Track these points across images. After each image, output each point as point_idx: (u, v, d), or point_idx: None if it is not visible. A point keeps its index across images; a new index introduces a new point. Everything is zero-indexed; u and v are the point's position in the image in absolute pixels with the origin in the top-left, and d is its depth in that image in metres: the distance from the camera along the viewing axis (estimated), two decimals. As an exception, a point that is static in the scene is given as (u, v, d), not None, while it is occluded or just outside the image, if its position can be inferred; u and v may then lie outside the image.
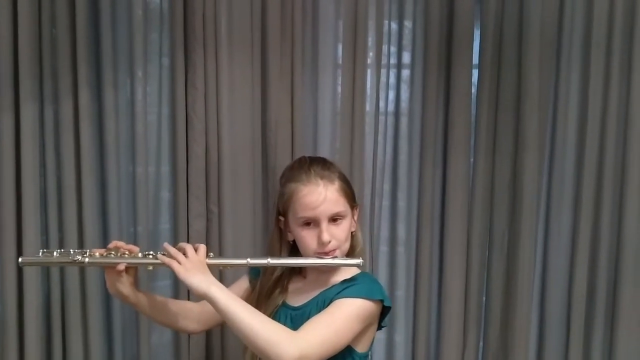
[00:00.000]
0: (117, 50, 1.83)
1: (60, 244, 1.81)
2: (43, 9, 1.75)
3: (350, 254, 1.53)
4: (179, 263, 1.39)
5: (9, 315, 1.77)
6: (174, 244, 1.46)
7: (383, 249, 2.05)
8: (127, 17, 1.84)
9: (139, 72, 1.85)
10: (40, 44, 1.76)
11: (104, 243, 1.73)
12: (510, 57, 1.91)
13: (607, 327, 1.96)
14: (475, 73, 1.95)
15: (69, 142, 1.79)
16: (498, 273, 1.99)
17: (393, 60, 2.00)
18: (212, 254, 1.48)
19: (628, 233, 1.91)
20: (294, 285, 1.58)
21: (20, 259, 1.51)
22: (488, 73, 1.91)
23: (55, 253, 1.47)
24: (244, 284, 1.63)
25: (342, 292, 1.43)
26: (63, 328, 1.83)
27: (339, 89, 1.95)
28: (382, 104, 1.98)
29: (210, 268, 1.42)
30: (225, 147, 1.87)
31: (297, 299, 1.54)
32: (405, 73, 2.01)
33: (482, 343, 2.03)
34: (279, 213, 1.55)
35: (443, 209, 1.98)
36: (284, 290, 1.57)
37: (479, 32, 1.93)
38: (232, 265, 1.54)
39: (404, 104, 2.01)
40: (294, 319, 1.49)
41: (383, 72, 1.96)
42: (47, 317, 1.83)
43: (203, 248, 1.45)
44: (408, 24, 1.99)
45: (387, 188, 2.03)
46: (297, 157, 1.69)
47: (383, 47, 1.95)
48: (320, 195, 1.45)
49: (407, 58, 2.01)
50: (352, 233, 1.53)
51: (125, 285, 1.46)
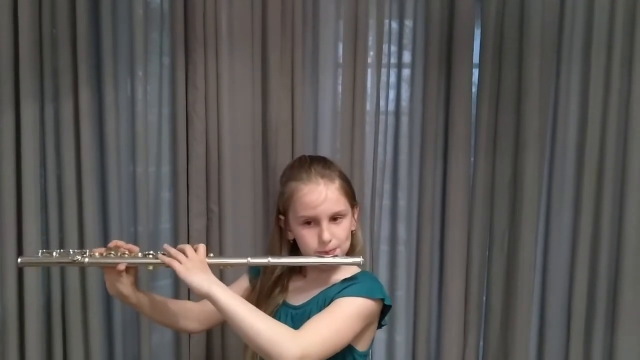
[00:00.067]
0: (117, 50, 1.83)
1: (61, 244, 1.81)
2: (43, 8, 1.75)
3: (351, 253, 1.53)
4: (180, 263, 1.39)
5: (10, 316, 1.77)
6: (174, 245, 1.46)
7: (383, 249, 2.05)
8: (127, 16, 1.84)
9: (140, 71, 1.85)
10: (41, 43, 1.75)
11: (105, 243, 1.73)
12: (511, 56, 1.90)
13: (607, 326, 1.96)
14: (476, 72, 1.94)
15: (70, 141, 1.79)
16: (498, 272, 1.98)
17: (393, 60, 2.00)
18: (212, 254, 1.48)
19: (628, 233, 1.91)
20: (294, 284, 1.58)
21: (20, 260, 1.49)
22: (488, 72, 1.91)
23: (55, 253, 1.46)
24: (244, 283, 1.63)
25: (342, 291, 1.43)
26: (63, 328, 1.83)
27: (340, 88, 1.95)
28: (382, 103, 1.98)
29: (211, 267, 1.42)
30: (226, 146, 1.87)
31: (297, 298, 1.54)
32: (406, 72, 2.00)
33: (482, 343, 2.03)
34: (280, 212, 1.55)
35: (443, 209, 1.98)
36: (284, 290, 1.57)
37: (480, 31, 1.92)
38: (232, 265, 1.54)
39: (405, 104, 2.01)
40: (295, 318, 1.49)
41: (383, 71, 1.96)
42: (47, 317, 1.83)
43: (203, 247, 1.45)
44: (409, 24, 1.99)
45: (387, 187, 2.03)
46: (297, 156, 1.68)
47: (383, 46, 1.94)
48: (321, 195, 1.45)
49: (407, 57, 2.00)
50: (352, 232, 1.54)
51: (126, 286, 1.46)
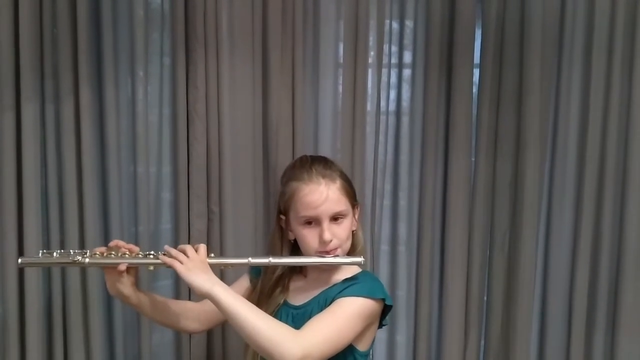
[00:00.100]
0: (118, 50, 1.82)
1: (61, 244, 1.80)
2: (44, 8, 1.75)
3: (351, 253, 1.53)
4: (181, 263, 1.39)
5: (11, 316, 1.77)
6: (175, 245, 1.46)
7: (384, 249, 2.05)
8: (128, 16, 1.84)
9: (140, 71, 1.85)
10: (42, 43, 1.75)
11: (105, 243, 1.71)
12: (512, 56, 1.91)
13: (608, 326, 1.96)
14: (477, 73, 1.95)
15: (70, 141, 1.79)
16: (499, 272, 1.98)
17: (394, 60, 2.00)
18: (213, 254, 1.47)
19: (629, 233, 1.91)
20: (295, 284, 1.58)
21: (20, 260, 1.49)
22: (489, 72, 1.91)
23: (55, 253, 1.45)
24: (245, 283, 1.63)
25: (344, 291, 1.43)
26: (64, 329, 1.83)
27: (340, 89, 1.95)
28: (383, 104, 1.98)
29: (212, 267, 1.42)
30: (227, 146, 1.87)
31: (298, 298, 1.54)
32: (407, 72, 2.00)
33: (483, 342, 2.03)
34: (280, 212, 1.55)
35: (444, 209, 1.98)
36: (285, 289, 1.56)
37: (480, 32, 1.93)
38: (233, 265, 1.54)
39: (405, 104, 2.01)
40: (295, 318, 1.49)
41: (384, 71, 1.96)
42: (48, 317, 1.83)
43: (203, 247, 1.45)
44: (409, 24, 1.99)
45: (388, 187, 2.03)
46: (298, 156, 1.68)
47: (384, 46, 1.94)
48: (322, 195, 1.45)
49: (408, 57, 2.00)
50: (353, 232, 1.53)
51: (126, 286, 1.45)
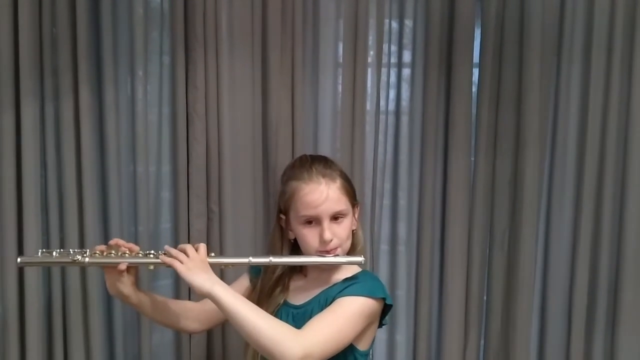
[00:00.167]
0: (117, 49, 1.82)
1: (61, 244, 1.80)
2: (44, 8, 1.74)
3: (351, 253, 1.53)
4: (181, 262, 1.38)
5: (10, 316, 1.76)
6: (174, 245, 1.46)
7: (384, 248, 2.05)
8: (127, 15, 1.84)
9: (140, 70, 1.85)
10: (41, 43, 1.75)
11: (105, 243, 1.67)
12: (511, 56, 1.91)
13: (608, 325, 1.96)
14: (476, 72, 1.95)
15: (70, 141, 1.78)
16: (499, 271, 1.99)
17: (394, 59, 2.00)
18: (213, 254, 1.47)
19: (629, 231, 1.91)
20: (295, 284, 1.58)
21: (19, 259, 1.48)
22: (489, 72, 1.91)
23: (55, 253, 1.45)
24: (245, 283, 1.63)
25: (344, 290, 1.43)
26: (64, 328, 1.83)
27: (340, 88, 1.95)
28: (382, 103, 1.98)
29: (212, 267, 1.42)
30: (226, 146, 1.87)
31: (298, 298, 1.54)
32: (406, 72, 2.00)
33: (483, 342, 2.03)
34: (280, 211, 1.55)
35: (444, 208, 1.98)
36: (285, 289, 1.56)
37: (480, 31, 1.93)
38: (234, 264, 1.53)
39: (405, 103, 2.01)
40: (296, 318, 1.49)
41: (384, 71, 1.96)
42: (48, 317, 1.83)
43: (203, 247, 1.45)
44: (409, 23, 1.99)
45: (387, 187, 2.03)
46: (297, 156, 1.68)
47: (384, 46, 1.94)
48: (322, 194, 1.45)
49: (407, 57, 2.00)
50: (353, 231, 1.53)
51: (126, 285, 1.45)
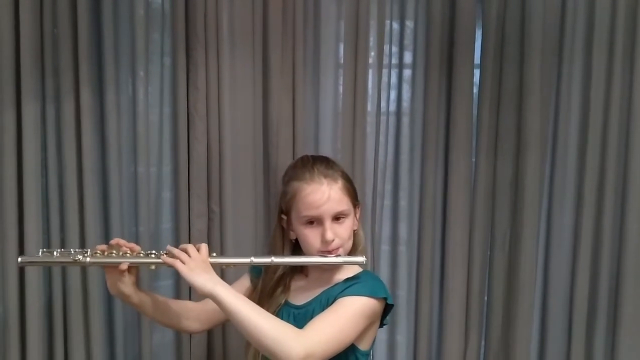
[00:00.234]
0: (118, 50, 1.82)
1: (62, 244, 1.80)
2: (44, 8, 1.74)
3: (353, 253, 1.53)
4: (183, 262, 1.38)
5: (11, 316, 1.76)
6: (175, 246, 1.46)
7: (385, 249, 2.04)
8: (128, 16, 1.84)
9: (141, 71, 1.85)
10: (42, 43, 1.75)
11: (106, 243, 1.69)
12: (512, 56, 1.91)
13: (609, 326, 1.96)
14: (477, 73, 1.94)
15: (71, 141, 1.78)
16: (500, 272, 1.98)
17: (395, 60, 2.00)
18: (214, 254, 1.47)
19: (630, 232, 1.91)
20: (296, 284, 1.58)
21: (20, 259, 1.47)
22: (490, 73, 1.91)
23: (56, 252, 1.45)
24: (246, 283, 1.63)
25: (345, 290, 1.43)
26: (65, 328, 1.83)
27: (341, 89, 1.95)
28: (383, 104, 1.98)
29: (213, 267, 1.42)
30: (227, 146, 1.87)
31: (299, 298, 1.54)
32: (407, 73, 2.00)
33: (483, 342, 2.03)
34: (282, 212, 1.55)
35: (445, 209, 1.98)
36: (287, 289, 1.56)
37: (481, 32, 1.93)
38: (235, 264, 1.53)
39: (406, 104, 2.01)
40: (297, 318, 1.49)
41: (384, 71, 1.96)
42: (48, 317, 1.83)
43: (205, 247, 1.45)
44: (410, 24, 1.99)
45: (388, 188, 2.03)
46: (298, 156, 1.68)
47: (385, 47, 1.94)
48: (324, 194, 1.45)
49: (408, 58, 2.00)
50: (354, 232, 1.53)
51: (127, 285, 1.45)
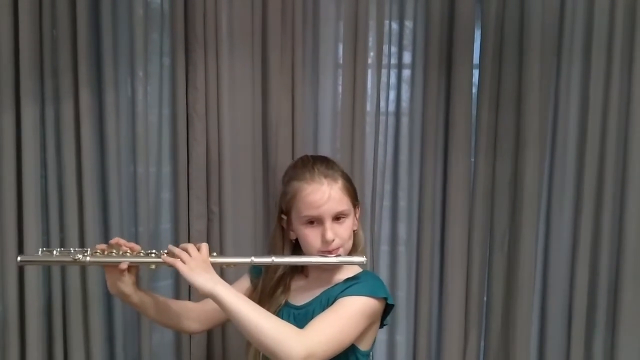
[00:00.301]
0: (117, 50, 1.82)
1: (61, 244, 1.79)
2: (44, 9, 1.74)
3: (353, 253, 1.53)
4: (183, 262, 1.38)
5: (10, 316, 1.76)
6: (176, 245, 1.45)
7: (384, 249, 2.04)
8: (127, 16, 1.84)
9: (140, 71, 1.85)
10: (41, 44, 1.75)
11: (105, 243, 1.71)
12: (511, 56, 1.91)
13: (608, 325, 1.96)
14: (476, 73, 1.95)
15: (70, 141, 1.78)
16: (499, 272, 1.99)
17: (394, 60, 2.00)
18: (215, 254, 1.47)
19: (629, 232, 1.92)
20: (297, 284, 1.58)
21: (19, 258, 1.47)
22: (489, 73, 1.92)
23: (55, 252, 1.45)
24: (246, 283, 1.63)
25: (346, 290, 1.43)
26: (64, 328, 1.82)
27: (340, 89, 1.95)
28: (382, 104, 1.98)
29: (213, 267, 1.42)
30: (226, 147, 1.87)
31: (299, 298, 1.54)
32: (406, 73, 2.00)
33: (483, 342, 2.03)
34: (282, 212, 1.55)
35: (444, 209, 1.98)
36: (287, 289, 1.56)
37: (480, 32, 1.93)
38: (236, 264, 1.53)
39: (405, 104, 2.01)
40: (297, 318, 1.49)
41: (384, 72, 1.96)
42: (48, 317, 1.82)
43: (205, 247, 1.44)
44: (409, 24, 1.99)
45: (387, 188, 2.03)
46: (297, 157, 1.68)
47: (384, 47, 1.95)
48: (324, 194, 1.45)
49: (407, 58, 2.01)
50: (354, 232, 1.53)
51: (127, 285, 1.45)
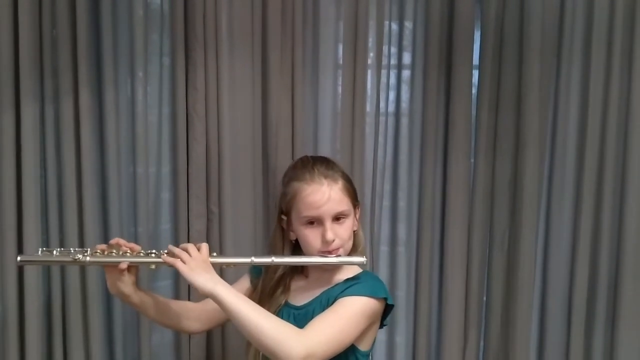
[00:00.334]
0: (117, 50, 1.82)
1: (61, 244, 1.79)
2: (44, 9, 1.74)
3: (353, 253, 1.53)
4: (183, 262, 1.38)
5: (10, 316, 1.76)
6: (176, 245, 1.46)
7: (383, 249, 2.05)
8: (127, 16, 1.83)
9: (140, 72, 1.85)
10: (41, 44, 1.75)
11: (105, 243, 1.70)
12: (511, 57, 1.91)
13: (607, 325, 1.97)
14: (476, 73, 1.95)
15: (70, 141, 1.78)
16: (499, 272, 1.99)
17: (393, 61, 2.00)
18: (215, 254, 1.47)
19: (628, 232, 1.92)
20: (297, 284, 1.58)
21: (19, 258, 1.47)
22: (488, 73, 1.92)
23: (55, 252, 1.45)
24: (246, 284, 1.63)
25: (346, 290, 1.43)
26: (64, 328, 1.82)
27: (340, 90, 1.95)
28: (382, 105, 1.98)
29: (213, 267, 1.42)
30: (226, 147, 1.87)
31: (299, 298, 1.54)
32: (406, 73, 2.01)
33: (482, 342, 2.04)
34: (282, 212, 1.55)
35: (443, 209, 1.98)
36: (287, 290, 1.56)
37: (479, 32, 1.93)
38: (236, 264, 1.53)
39: (405, 105, 2.01)
40: (297, 318, 1.49)
41: (383, 72, 1.96)
42: (47, 317, 1.82)
43: (205, 247, 1.44)
44: (408, 25, 1.99)
45: (387, 188, 2.03)
46: (297, 157, 1.68)
47: (383, 47, 1.95)
48: (325, 195, 1.45)
49: (407, 59, 2.01)
50: (354, 232, 1.54)
51: (127, 285, 1.45)
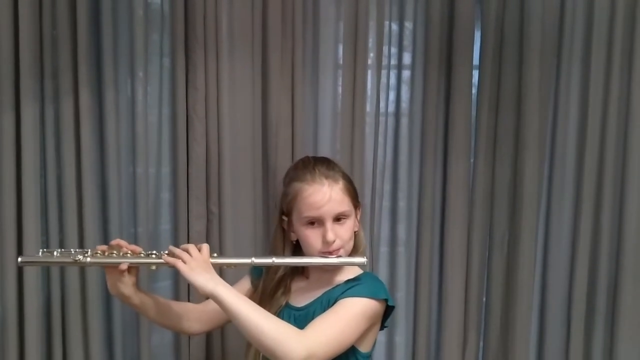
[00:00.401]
0: (117, 51, 1.82)
1: (61, 245, 1.79)
2: (44, 9, 1.74)
3: (354, 254, 1.53)
4: (184, 262, 1.38)
5: (9, 316, 1.76)
6: (176, 246, 1.46)
7: (383, 250, 2.04)
8: (128, 17, 1.83)
9: (140, 72, 1.84)
10: (41, 44, 1.74)
11: (104, 244, 1.68)
12: (511, 57, 1.91)
13: (607, 326, 1.97)
14: (476, 74, 1.95)
15: (70, 142, 1.78)
16: (498, 273, 1.99)
17: (393, 61, 2.00)
18: (215, 254, 1.47)
19: (628, 233, 1.92)
20: (297, 285, 1.58)
21: (20, 259, 1.48)
22: (488, 74, 1.92)
23: (56, 253, 1.45)
24: (246, 285, 1.63)
25: (347, 291, 1.43)
26: (63, 329, 1.82)
27: (340, 90, 1.95)
28: (382, 105, 1.98)
29: (214, 267, 1.42)
30: (226, 147, 1.86)
31: (300, 299, 1.54)
32: (406, 74, 2.01)
33: (482, 343, 2.03)
34: (282, 213, 1.55)
35: (443, 210, 1.98)
36: (287, 291, 1.56)
37: (480, 33, 1.93)
38: (236, 265, 1.53)
39: (405, 105, 2.01)
40: (298, 319, 1.48)
41: (383, 72, 1.96)
42: (47, 317, 1.82)
43: (206, 247, 1.45)
44: (409, 25, 1.99)
45: (387, 188, 2.03)
46: (297, 157, 1.69)
47: (384, 48, 1.95)
48: (325, 195, 1.45)
49: (407, 59, 2.01)
50: (355, 232, 1.54)
51: (127, 286, 1.45)
